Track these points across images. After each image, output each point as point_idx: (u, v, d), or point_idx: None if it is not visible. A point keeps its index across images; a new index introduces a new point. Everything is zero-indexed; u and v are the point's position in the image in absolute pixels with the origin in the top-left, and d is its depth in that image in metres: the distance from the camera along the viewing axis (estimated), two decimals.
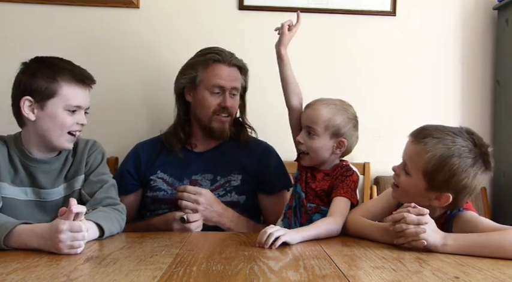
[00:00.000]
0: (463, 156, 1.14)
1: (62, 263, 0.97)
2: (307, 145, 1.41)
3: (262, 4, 2.00)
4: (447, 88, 2.09)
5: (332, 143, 1.41)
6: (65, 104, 1.33)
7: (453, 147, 1.15)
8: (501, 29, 2.03)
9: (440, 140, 1.16)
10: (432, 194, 1.18)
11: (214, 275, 0.90)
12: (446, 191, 1.16)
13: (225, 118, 1.64)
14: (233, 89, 1.64)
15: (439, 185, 1.16)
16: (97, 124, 1.85)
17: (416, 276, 0.90)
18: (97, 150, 1.45)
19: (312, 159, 1.43)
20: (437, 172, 1.15)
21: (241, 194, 1.61)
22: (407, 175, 1.21)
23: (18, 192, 1.34)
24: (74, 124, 1.35)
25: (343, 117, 1.41)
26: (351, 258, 1.06)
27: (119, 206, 1.38)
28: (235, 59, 1.66)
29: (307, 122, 1.43)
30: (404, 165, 1.23)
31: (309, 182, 1.44)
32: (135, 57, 1.99)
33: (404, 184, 1.22)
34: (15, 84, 1.35)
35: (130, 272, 0.91)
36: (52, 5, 1.95)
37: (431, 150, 1.16)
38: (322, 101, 1.44)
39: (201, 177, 1.62)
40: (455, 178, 1.14)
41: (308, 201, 1.42)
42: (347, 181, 1.37)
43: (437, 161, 1.15)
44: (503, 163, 1.99)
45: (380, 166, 1.97)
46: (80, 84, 1.35)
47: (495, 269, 0.96)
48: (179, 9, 1.99)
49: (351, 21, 2.04)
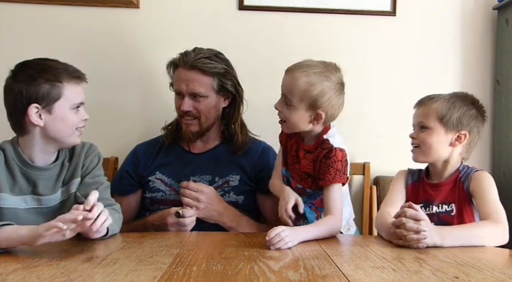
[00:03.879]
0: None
1: (62, 263, 0.97)
2: (284, 114, 1.36)
3: (262, 4, 2.00)
4: (447, 88, 2.07)
5: (309, 114, 1.33)
6: (70, 103, 1.34)
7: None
8: (501, 29, 2.03)
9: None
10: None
11: (214, 275, 0.90)
12: (462, 129, 1.37)
13: (189, 121, 1.61)
14: (192, 93, 1.58)
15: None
16: (97, 124, 1.85)
17: (416, 276, 0.90)
18: (93, 153, 1.45)
19: (290, 128, 1.39)
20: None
21: (240, 194, 1.61)
22: (425, 131, 1.39)
23: (18, 201, 1.32)
24: (80, 121, 1.37)
25: (322, 86, 1.30)
26: (351, 258, 1.06)
27: (115, 206, 1.39)
28: (197, 62, 1.56)
29: (284, 89, 1.36)
30: (420, 127, 1.38)
31: (294, 164, 1.43)
32: (135, 57, 1.98)
33: (428, 140, 1.38)
34: (16, 94, 1.30)
35: (131, 272, 0.91)
36: (52, 5, 1.95)
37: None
38: (302, 67, 1.33)
39: (199, 179, 1.61)
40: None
41: (296, 182, 1.43)
42: (331, 163, 1.31)
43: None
44: (503, 163, 1.99)
45: (380, 166, 1.97)
46: (78, 81, 1.36)
47: (495, 269, 0.96)
48: (179, 9, 1.99)
49: (350, 21, 2.04)
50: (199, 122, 1.61)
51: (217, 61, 1.60)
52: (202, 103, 1.59)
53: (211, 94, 1.59)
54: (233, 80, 1.64)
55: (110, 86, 1.96)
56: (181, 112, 1.60)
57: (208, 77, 1.58)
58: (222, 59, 1.63)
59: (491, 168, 2.07)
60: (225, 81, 1.61)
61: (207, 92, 1.58)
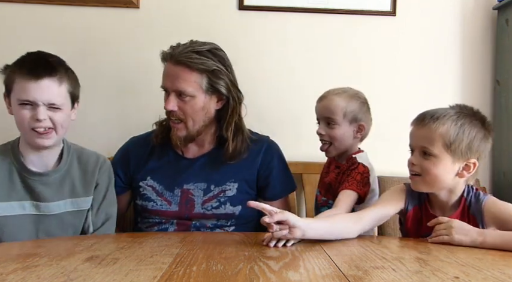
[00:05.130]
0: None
1: (62, 263, 0.97)
2: (329, 135, 1.46)
3: (262, 4, 2.00)
4: (447, 88, 2.09)
5: (352, 128, 1.46)
6: (17, 98, 1.28)
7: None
8: (501, 29, 2.03)
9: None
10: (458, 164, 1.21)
11: (214, 275, 0.90)
12: (471, 156, 1.20)
13: (175, 124, 1.47)
14: (177, 91, 1.42)
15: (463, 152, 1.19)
16: (97, 123, 1.86)
17: (416, 276, 0.90)
18: (107, 171, 1.45)
19: (337, 148, 1.47)
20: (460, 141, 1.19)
21: (237, 205, 1.50)
22: (429, 159, 1.21)
23: (14, 206, 1.31)
24: (33, 120, 1.27)
25: (358, 102, 1.46)
26: (351, 258, 1.06)
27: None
28: (183, 56, 1.41)
29: (325, 113, 1.46)
30: (422, 152, 1.23)
31: (323, 178, 1.53)
32: (135, 57, 1.98)
33: (432, 170, 1.21)
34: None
35: (131, 272, 0.91)
36: (52, 5, 1.95)
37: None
38: (334, 91, 1.48)
39: (194, 186, 1.50)
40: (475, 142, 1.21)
41: (322, 195, 1.50)
42: (352, 174, 1.41)
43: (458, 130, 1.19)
44: (503, 163, 2.00)
45: (380, 166, 1.96)
46: (29, 76, 1.26)
47: (495, 269, 0.96)
48: (179, 9, 1.99)
49: (351, 21, 2.04)
50: (185, 125, 1.46)
51: (208, 57, 1.44)
52: (188, 104, 1.43)
53: (198, 94, 1.43)
54: (226, 79, 1.46)
55: (109, 86, 1.96)
56: (166, 111, 1.47)
57: (195, 74, 1.42)
58: (215, 55, 1.46)
59: (491, 168, 2.07)
60: (215, 80, 1.44)
61: (194, 91, 1.42)
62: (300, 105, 1.95)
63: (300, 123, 1.98)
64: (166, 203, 1.50)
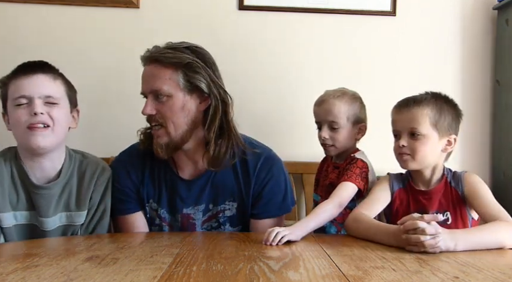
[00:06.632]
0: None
1: (62, 263, 0.97)
2: (333, 139, 1.48)
3: (262, 4, 2.00)
4: (447, 88, 2.05)
5: (355, 130, 1.50)
6: (12, 99, 1.25)
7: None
8: (501, 29, 2.03)
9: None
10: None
11: (214, 275, 0.90)
12: (452, 132, 1.34)
13: (156, 131, 1.35)
14: (153, 92, 1.32)
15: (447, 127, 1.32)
16: (97, 123, 1.86)
17: (416, 276, 0.90)
18: (104, 184, 1.35)
19: (338, 149, 1.50)
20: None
21: (237, 225, 1.42)
22: (418, 139, 1.30)
23: (17, 216, 1.30)
24: (29, 116, 1.23)
25: (357, 103, 1.50)
26: (351, 258, 1.06)
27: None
28: (157, 52, 1.33)
29: (328, 117, 1.47)
30: (410, 134, 1.32)
31: (324, 181, 1.54)
32: (135, 57, 1.98)
33: (422, 148, 1.31)
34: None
35: (131, 272, 0.91)
36: (52, 5, 1.95)
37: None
38: (332, 94, 1.49)
39: (194, 210, 1.41)
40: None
41: (323, 198, 1.49)
42: (351, 168, 1.43)
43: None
44: (503, 163, 2.00)
45: (380, 166, 1.97)
46: (22, 73, 1.25)
47: (495, 269, 0.96)
48: (179, 9, 1.99)
49: (351, 21, 2.04)
50: (166, 131, 1.33)
51: (182, 52, 1.32)
52: (166, 105, 1.31)
53: (176, 92, 1.31)
54: (204, 74, 1.32)
55: (109, 86, 1.96)
56: (147, 117, 1.36)
57: (170, 70, 1.30)
58: (193, 51, 1.35)
59: (491, 168, 2.07)
60: (191, 74, 1.31)
61: (170, 89, 1.30)
62: (300, 105, 1.95)
63: (300, 123, 1.97)
64: (168, 227, 1.43)
